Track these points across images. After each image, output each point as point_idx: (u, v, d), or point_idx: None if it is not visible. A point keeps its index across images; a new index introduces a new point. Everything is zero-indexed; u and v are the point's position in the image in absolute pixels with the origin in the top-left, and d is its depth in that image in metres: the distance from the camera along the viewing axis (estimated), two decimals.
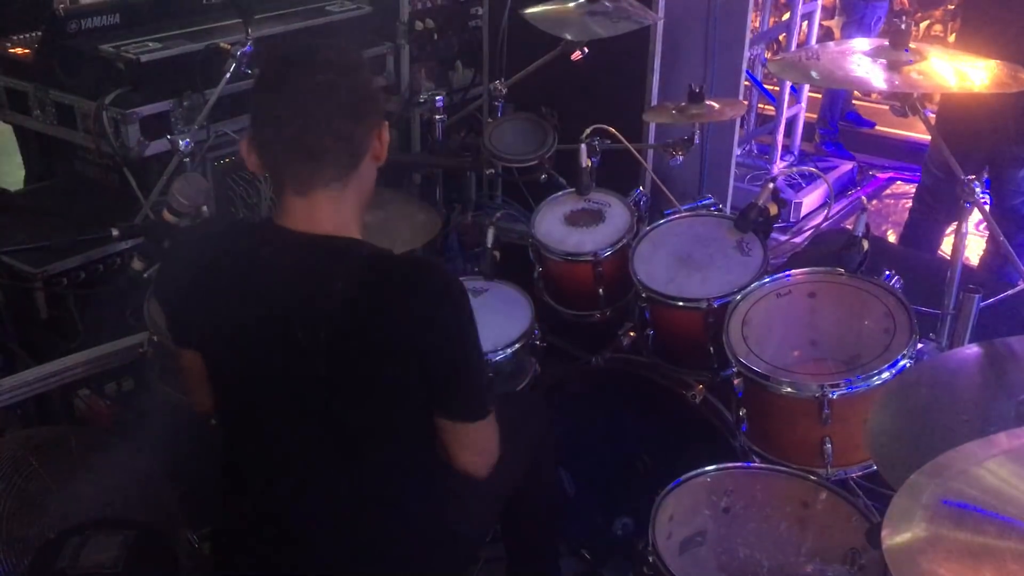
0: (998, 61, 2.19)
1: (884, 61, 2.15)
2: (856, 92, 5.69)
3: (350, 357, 1.62)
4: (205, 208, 2.44)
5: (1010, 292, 2.35)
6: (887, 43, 2.19)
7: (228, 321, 1.68)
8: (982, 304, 2.20)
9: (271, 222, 1.70)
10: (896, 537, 1.23)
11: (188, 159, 2.72)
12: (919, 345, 2.14)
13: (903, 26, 2.15)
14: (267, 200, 3.35)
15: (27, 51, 3.42)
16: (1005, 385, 1.71)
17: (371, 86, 1.68)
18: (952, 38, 5.75)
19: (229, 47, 2.94)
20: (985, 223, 2.36)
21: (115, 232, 2.52)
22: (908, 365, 2.07)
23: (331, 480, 1.71)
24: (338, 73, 1.60)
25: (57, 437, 2.47)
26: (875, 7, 5.34)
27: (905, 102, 2.17)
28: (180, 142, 2.71)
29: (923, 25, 6.06)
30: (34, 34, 3.47)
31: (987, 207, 2.26)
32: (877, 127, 5.86)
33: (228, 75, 2.87)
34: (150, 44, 3.25)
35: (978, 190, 2.19)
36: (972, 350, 1.91)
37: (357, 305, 1.59)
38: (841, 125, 5.72)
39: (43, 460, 2.39)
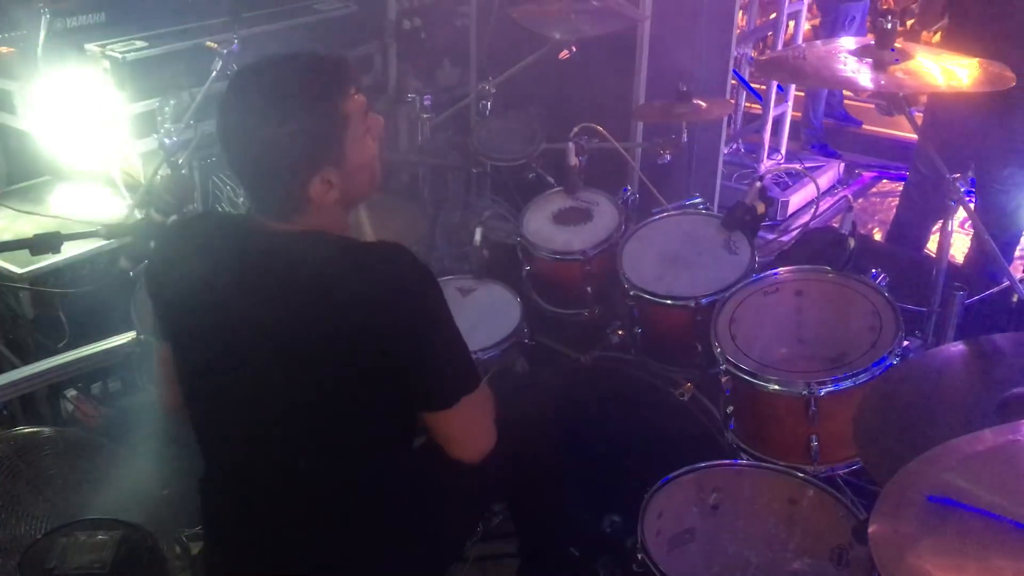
0: (984, 60, 2.20)
1: (870, 60, 2.17)
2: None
3: (314, 340, 1.62)
4: (192, 207, 2.43)
5: (994, 290, 2.36)
6: (872, 42, 2.20)
7: (203, 312, 1.69)
8: (967, 302, 2.22)
9: (247, 217, 1.73)
10: (883, 534, 1.24)
11: (174, 158, 2.71)
12: (905, 343, 2.16)
13: (888, 25, 2.16)
14: None
15: (12, 49, 3.40)
16: (990, 382, 1.72)
17: (303, 135, 1.58)
18: (937, 38, 5.78)
19: (216, 46, 2.93)
20: (971, 221, 2.37)
21: (101, 231, 2.50)
22: (894, 363, 2.09)
23: (301, 475, 1.70)
24: (266, 131, 1.57)
25: (44, 438, 2.46)
26: (848, 8, 5.37)
27: (891, 101, 2.18)
28: (166, 141, 2.70)
29: (908, 24, 6.09)
30: (19, 32, 3.44)
31: (972, 205, 2.28)
32: (864, 126, 5.88)
33: (215, 73, 2.87)
34: (136, 43, 3.24)
35: (963, 188, 2.21)
36: (957, 347, 1.93)
37: (322, 287, 1.61)
38: (828, 124, 5.74)
39: (30, 461, 2.38)
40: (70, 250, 2.96)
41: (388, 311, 1.60)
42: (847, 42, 2.31)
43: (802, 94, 5.61)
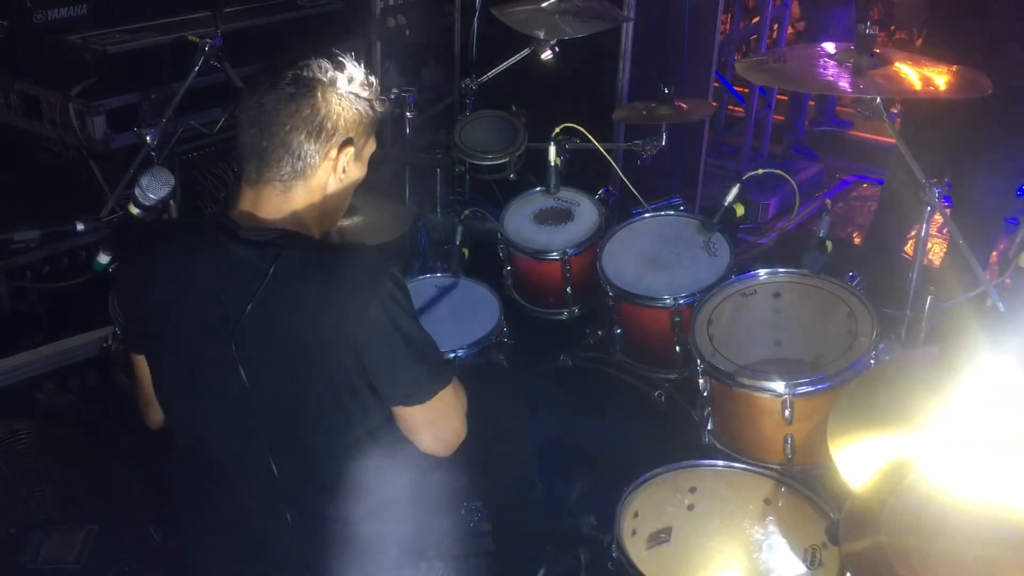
0: (961, 67, 2.22)
1: (850, 65, 2.18)
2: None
3: (279, 341, 1.65)
4: (172, 202, 2.42)
5: (969, 295, 2.38)
6: (852, 47, 2.22)
7: (172, 317, 1.71)
8: (941, 305, 2.24)
9: (223, 214, 1.74)
10: (852, 535, 1.26)
11: (155, 152, 2.70)
12: (880, 345, 2.17)
13: (868, 31, 2.18)
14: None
15: None
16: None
17: (332, 109, 1.69)
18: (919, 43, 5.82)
19: (198, 40, 2.92)
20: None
21: (80, 225, 2.49)
22: (869, 365, 2.10)
23: (271, 480, 1.71)
24: (297, 93, 1.67)
25: (19, 431, 2.45)
26: (835, 15, 5.40)
27: (869, 106, 2.20)
28: (147, 135, 2.69)
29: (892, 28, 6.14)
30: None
31: (949, 210, 2.29)
32: (851, 130, 5.92)
33: (196, 68, 2.85)
34: (118, 36, 3.22)
35: (938, 193, 2.22)
36: (931, 350, 1.94)
37: (285, 291, 1.63)
38: (825, 131, 5.79)
39: (4, 455, 2.36)
40: (48, 244, 2.95)
41: (352, 314, 1.63)
42: (828, 46, 2.32)
43: (785, 98, 5.64)
